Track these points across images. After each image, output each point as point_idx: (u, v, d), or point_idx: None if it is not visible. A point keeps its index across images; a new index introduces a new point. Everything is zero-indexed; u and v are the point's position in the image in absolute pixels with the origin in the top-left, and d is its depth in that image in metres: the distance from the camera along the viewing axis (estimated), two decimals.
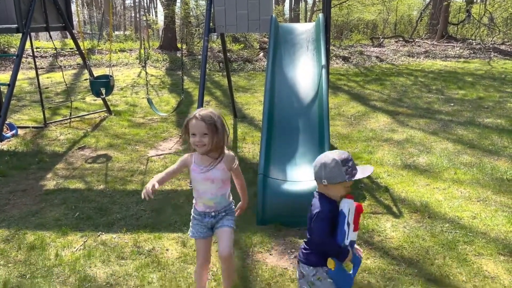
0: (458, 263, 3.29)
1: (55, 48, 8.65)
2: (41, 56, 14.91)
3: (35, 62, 7.68)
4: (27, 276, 3.17)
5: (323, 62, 5.23)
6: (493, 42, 17.36)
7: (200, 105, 5.25)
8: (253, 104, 8.81)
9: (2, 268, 3.28)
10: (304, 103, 5.10)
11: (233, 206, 2.73)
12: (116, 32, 26.21)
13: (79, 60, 13.41)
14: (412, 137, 6.44)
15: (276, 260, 3.37)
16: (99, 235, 3.76)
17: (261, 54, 14.71)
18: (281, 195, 4.04)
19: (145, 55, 12.24)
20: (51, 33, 7.35)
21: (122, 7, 36.34)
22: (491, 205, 4.22)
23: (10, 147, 6.21)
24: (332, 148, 5.58)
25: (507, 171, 5.05)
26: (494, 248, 3.47)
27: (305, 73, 5.43)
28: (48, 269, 3.25)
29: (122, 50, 16.26)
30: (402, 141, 6.28)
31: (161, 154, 5.93)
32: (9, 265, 3.32)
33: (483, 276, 3.12)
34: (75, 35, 7.65)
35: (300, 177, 4.24)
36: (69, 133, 6.88)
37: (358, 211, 2.19)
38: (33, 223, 3.99)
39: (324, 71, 5.11)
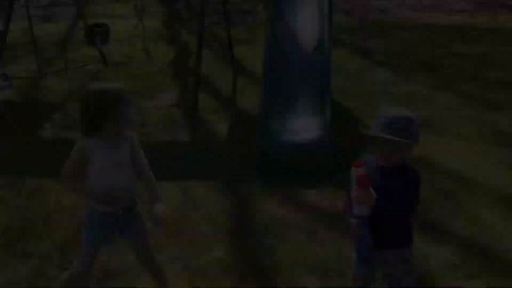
0: (455, 211, 3.31)
1: None
2: (35, 6, 14.46)
3: (28, 11, 7.41)
4: (28, 220, 3.19)
5: (326, 10, 5.06)
6: None
7: (199, 57, 5.12)
8: (253, 57, 8.61)
9: (2, 212, 3.30)
10: (306, 55, 4.98)
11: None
12: None
13: (73, 9, 13.00)
14: (415, 91, 6.35)
15: (275, 208, 3.39)
16: None
17: (261, 6, 14.29)
18: (281, 145, 4.02)
19: (141, 5, 11.84)
20: None
21: None
22: (491, 158, 4.22)
23: (5, 97, 6.11)
24: (334, 102, 5.50)
25: (509, 124, 5.02)
26: (492, 198, 3.49)
27: (307, 24, 5.26)
28: (49, 214, 3.27)
29: (116, 0, 15.75)
30: (404, 94, 6.20)
31: (158, 106, 5.86)
32: (9, 209, 3.33)
33: (480, 224, 3.16)
34: None
35: (300, 127, 4.21)
36: (65, 84, 6.76)
37: (356, 180, 1.86)
38: (32, 170, 3.98)
39: (327, 21, 4.95)
